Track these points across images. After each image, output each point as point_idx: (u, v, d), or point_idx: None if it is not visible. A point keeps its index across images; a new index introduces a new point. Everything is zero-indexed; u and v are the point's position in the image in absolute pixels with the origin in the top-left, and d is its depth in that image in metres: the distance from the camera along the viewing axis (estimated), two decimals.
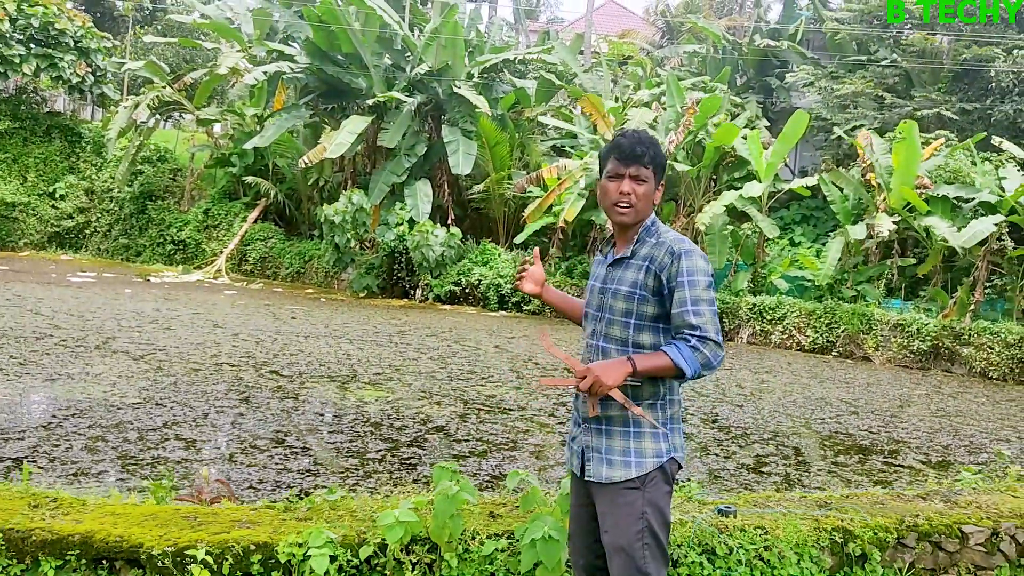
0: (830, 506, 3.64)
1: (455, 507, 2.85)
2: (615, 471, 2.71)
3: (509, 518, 3.20)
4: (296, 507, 3.12)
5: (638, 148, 2.73)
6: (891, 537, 3.44)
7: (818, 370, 13.72)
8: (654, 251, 2.72)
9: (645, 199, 2.75)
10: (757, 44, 24.04)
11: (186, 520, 2.89)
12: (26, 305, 13.91)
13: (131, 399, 8.18)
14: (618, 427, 2.73)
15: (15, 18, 23.58)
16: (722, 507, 3.52)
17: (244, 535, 2.78)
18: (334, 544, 2.75)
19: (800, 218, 23.14)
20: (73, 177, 25.25)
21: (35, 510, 2.85)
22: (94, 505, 2.95)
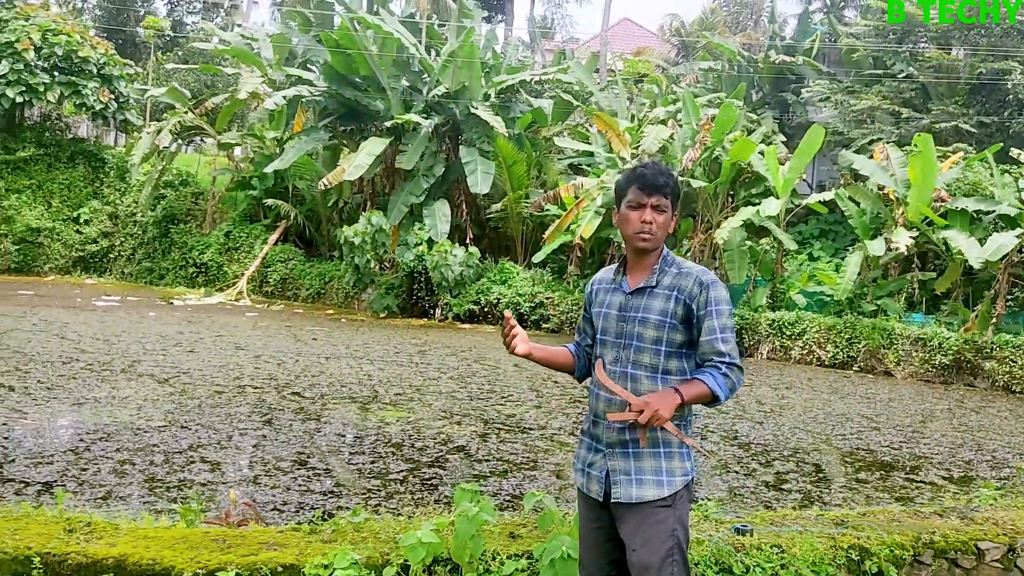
0: (847, 524, 3.67)
1: (475, 528, 2.92)
2: (646, 491, 2.79)
3: (529, 538, 3.27)
4: (321, 529, 3.20)
5: (660, 179, 2.84)
6: (907, 554, 3.47)
7: (839, 385, 13.68)
8: (680, 281, 2.83)
9: (664, 228, 2.86)
10: (772, 60, 24.10)
11: (215, 543, 2.97)
12: (52, 330, 14.12)
13: (157, 422, 8.31)
14: (647, 448, 2.82)
15: (39, 47, 24.03)
16: (739, 526, 3.57)
17: (272, 557, 2.87)
18: (359, 565, 2.82)
19: (818, 233, 23.09)
20: (97, 202, 25.62)
21: (70, 534, 2.95)
22: (127, 529, 3.05)
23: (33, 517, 3.13)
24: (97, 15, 39.55)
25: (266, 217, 23.58)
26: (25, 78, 23.75)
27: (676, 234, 19.18)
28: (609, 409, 2.84)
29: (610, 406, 2.84)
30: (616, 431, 2.82)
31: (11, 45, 23.60)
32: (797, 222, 22.71)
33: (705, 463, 8.11)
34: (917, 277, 16.61)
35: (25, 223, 24.46)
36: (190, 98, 25.48)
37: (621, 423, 2.81)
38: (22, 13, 24.74)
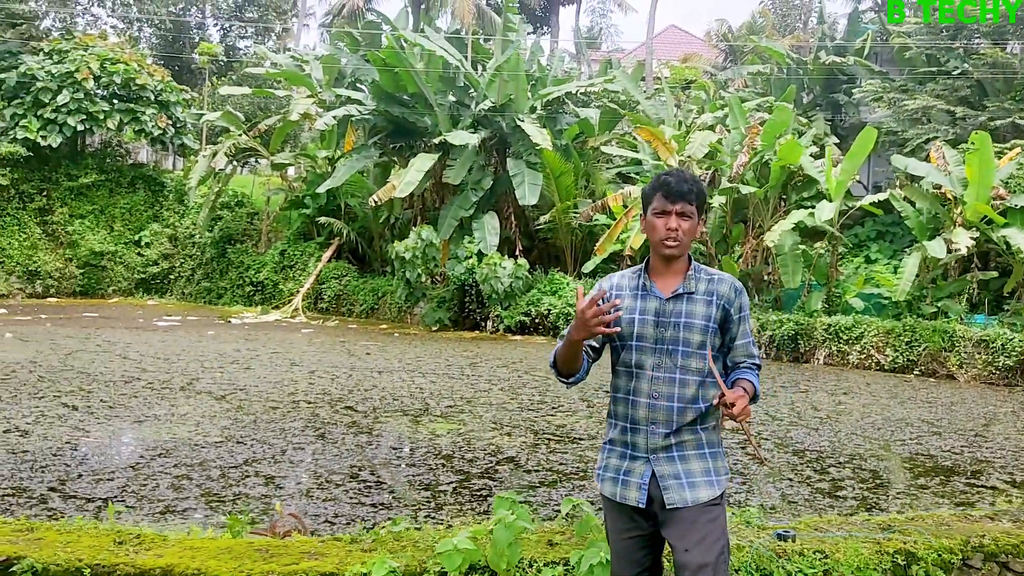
0: (893, 529, 3.61)
1: (513, 535, 2.94)
2: (700, 492, 2.81)
3: (567, 546, 3.28)
4: (362, 539, 3.26)
5: (684, 186, 2.87)
6: (956, 558, 3.40)
7: (898, 390, 13.40)
8: (716, 287, 2.90)
9: (691, 234, 2.89)
10: (823, 61, 23.77)
11: (259, 553, 3.05)
12: (115, 350, 14.52)
13: (214, 438, 8.49)
14: (692, 451, 2.85)
15: (99, 76, 24.80)
16: (781, 532, 3.53)
17: (312, 566, 2.93)
18: (396, 573, 2.87)
19: (875, 235, 22.66)
20: (157, 225, 26.29)
21: (120, 546, 3.04)
22: (174, 540, 3.14)
23: (85, 530, 3.24)
24: (154, 43, 40.68)
25: (320, 235, 23.94)
26: (85, 106, 24.53)
27: (728, 240, 19.02)
28: (653, 414, 2.83)
29: (654, 411, 2.83)
30: (661, 436, 2.82)
31: (71, 75, 24.41)
32: (853, 224, 22.31)
33: (759, 470, 8.02)
34: (977, 277, 16.19)
35: (89, 247, 25.21)
36: (244, 121, 26.05)
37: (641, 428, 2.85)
38: (81, 43, 25.59)
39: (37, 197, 25.41)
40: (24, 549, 2.93)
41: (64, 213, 25.51)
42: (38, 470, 7.08)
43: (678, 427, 2.82)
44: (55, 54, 25.08)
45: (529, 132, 18.33)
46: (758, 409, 11.14)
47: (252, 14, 41.68)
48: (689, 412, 2.82)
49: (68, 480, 6.88)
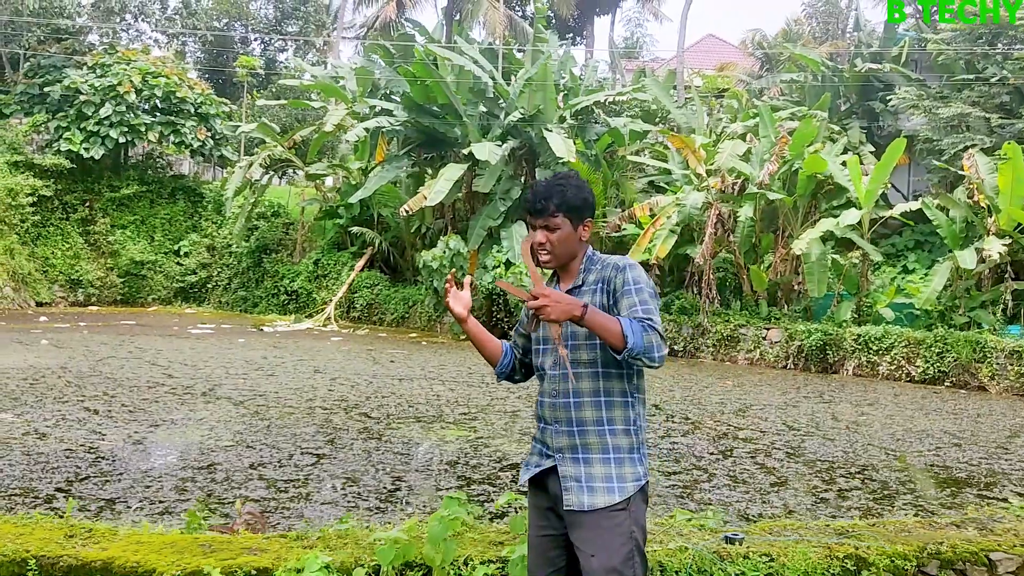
0: (849, 533, 3.56)
1: (448, 530, 2.97)
2: (597, 498, 2.77)
3: (512, 545, 3.29)
4: (307, 536, 3.31)
5: (540, 202, 2.88)
6: (910, 565, 3.33)
7: (926, 402, 13.15)
8: (601, 273, 2.86)
9: (562, 243, 2.89)
10: (858, 68, 23.45)
11: (201, 548, 3.11)
12: (145, 356, 14.81)
13: (225, 442, 8.62)
14: (596, 454, 2.81)
15: (140, 89, 25.38)
16: (730, 535, 3.50)
17: (249, 561, 2.98)
18: (330, 569, 2.91)
19: (912, 244, 22.29)
20: (196, 235, 26.79)
21: (70, 539, 3.13)
22: (124, 535, 3.22)
23: (40, 524, 3.34)
24: (198, 57, 41.52)
25: (353, 244, 24.21)
26: (128, 119, 25.12)
27: (757, 249, 18.84)
28: (554, 412, 2.85)
29: (555, 410, 2.85)
30: (565, 435, 2.83)
31: (114, 88, 25.02)
32: (890, 234, 21.98)
33: (765, 479, 7.93)
34: (1012, 287, 15.83)
35: (129, 256, 25.78)
36: (279, 132, 26.46)
37: (548, 426, 2.87)
38: (123, 58, 26.23)
39: (80, 208, 26.07)
40: None
41: (106, 223, 26.13)
42: (49, 471, 7.26)
43: (580, 426, 2.80)
44: (98, 68, 25.73)
45: (553, 144, 18.35)
46: (775, 419, 11.03)
47: (292, 28, 42.34)
48: (587, 408, 2.80)
49: (76, 481, 7.04)
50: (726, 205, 17.69)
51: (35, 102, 25.97)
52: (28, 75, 26.73)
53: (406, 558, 2.99)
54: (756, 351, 17.03)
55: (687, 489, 7.53)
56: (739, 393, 13.29)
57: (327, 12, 43.05)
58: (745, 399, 12.68)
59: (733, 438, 9.76)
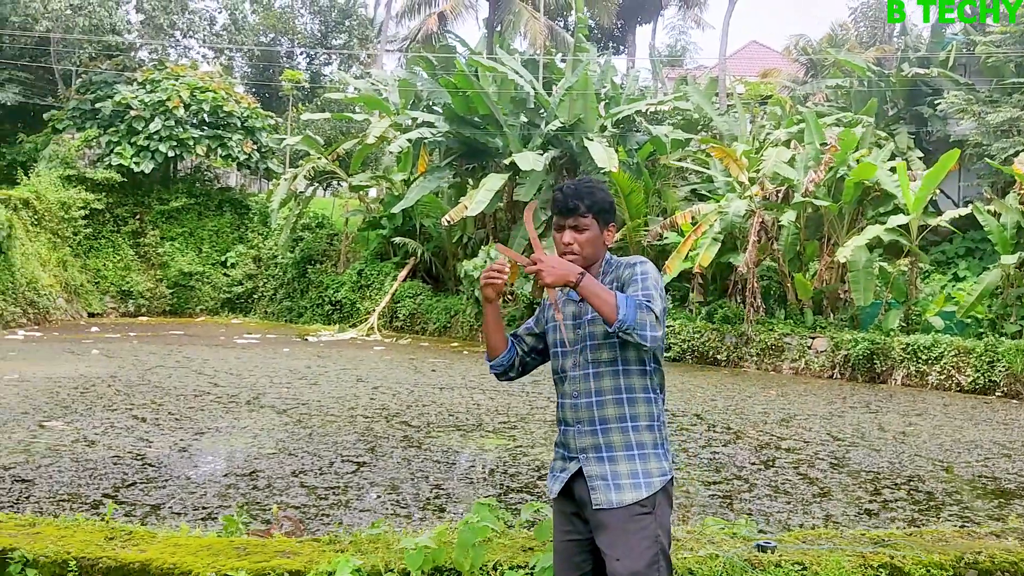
0: (885, 543, 3.50)
1: (476, 536, 2.99)
2: (625, 495, 2.78)
3: (541, 551, 3.30)
4: (339, 540, 3.35)
5: (571, 201, 2.90)
6: (946, 574, 3.27)
7: (976, 412, 12.86)
8: (617, 273, 2.91)
9: (589, 244, 2.91)
10: (905, 73, 23.12)
11: (236, 550, 3.17)
12: (192, 366, 15.07)
13: (268, 450, 8.74)
14: (620, 451, 2.83)
15: (188, 104, 25.90)
16: (762, 543, 3.47)
17: (282, 563, 3.04)
18: (360, 572, 2.94)
19: (964, 252, 21.89)
20: (242, 246, 27.22)
21: (110, 541, 3.21)
22: (162, 537, 3.29)
23: (81, 526, 3.43)
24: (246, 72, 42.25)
25: (396, 255, 24.39)
26: (176, 134, 25.63)
27: (802, 257, 18.61)
28: (576, 413, 2.86)
29: (577, 411, 2.86)
30: (588, 435, 2.84)
31: (163, 104, 25.56)
32: (941, 241, 21.60)
33: (807, 490, 7.83)
34: None
35: (178, 268, 26.29)
36: (323, 144, 26.79)
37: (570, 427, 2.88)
38: (172, 73, 26.78)
39: (131, 220, 26.64)
40: (20, 542, 3.13)
41: (156, 235, 26.67)
42: (97, 477, 7.42)
43: (603, 424, 2.81)
44: (148, 84, 26.31)
45: (594, 153, 18.35)
46: (820, 429, 10.88)
47: (337, 41, 42.88)
48: (610, 406, 2.82)
49: (123, 487, 7.19)
50: (770, 213, 17.52)
51: (87, 118, 26.63)
52: (80, 91, 27.43)
53: (436, 563, 3.01)
54: (801, 360, 16.81)
55: (727, 499, 7.47)
56: (783, 403, 13.13)
57: (371, 25, 43.56)
58: (789, 409, 12.53)
59: (776, 448, 9.65)
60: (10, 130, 29.24)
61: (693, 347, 17.99)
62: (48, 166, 25.40)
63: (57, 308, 22.80)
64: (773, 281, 19.09)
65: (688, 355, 18.01)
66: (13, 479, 7.28)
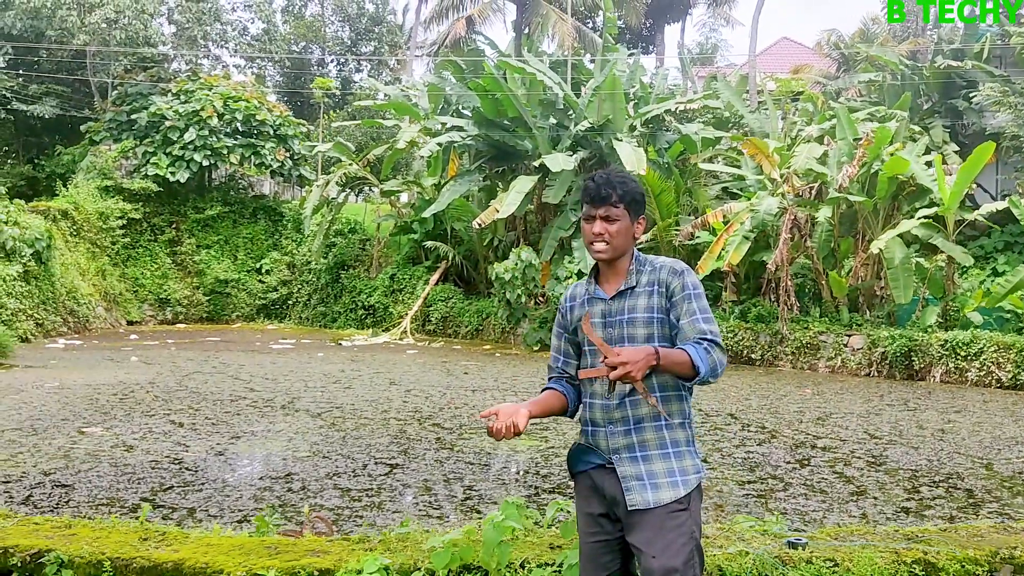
0: (918, 539, 3.46)
1: (502, 535, 3.00)
2: (663, 494, 2.79)
3: (569, 548, 3.30)
4: (369, 539, 3.38)
5: (604, 190, 2.89)
6: (981, 570, 3.22)
7: (1016, 408, 12.64)
8: (656, 275, 2.88)
9: (620, 235, 2.89)
10: (938, 65, 22.80)
11: (267, 550, 3.21)
12: (228, 371, 15.24)
13: (302, 453, 8.82)
14: (655, 451, 2.83)
15: (222, 113, 26.23)
16: (793, 539, 3.44)
17: (312, 562, 3.07)
18: (388, 571, 2.97)
19: (1003, 246, 21.51)
20: (277, 253, 27.50)
21: (144, 542, 3.27)
22: (194, 538, 3.35)
23: (116, 527, 3.49)
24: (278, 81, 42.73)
25: (427, 259, 24.51)
26: (211, 143, 25.97)
27: (836, 254, 18.41)
28: (608, 413, 2.86)
29: (608, 411, 2.85)
30: (621, 435, 2.83)
31: (197, 114, 25.91)
32: (979, 235, 21.25)
33: (843, 489, 7.75)
34: None
35: (214, 275, 26.61)
36: (355, 151, 26.99)
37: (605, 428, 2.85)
38: (206, 84, 27.14)
39: (167, 229, 27.02)
40: (55, 543, 3.20)
41: (192, 244, 27.02)
42: (135, 482, 7.53)
43: (638, 425, 2.81)
44: (182, 94, 26.69)
45: (622, 154, 18.29)
46: (856, 427, 10.75)
47: (367, 48, 43.22)
48: (644, 404, 2.81)
49: (160, 491, 7.29)
50: (802, 210, 17.35)
51: (123, 129, 27.06)
52: (116, 103, 27.90)
53: (463, 561, 3.03)
54: (837, 358, 16.62)
55: (761, 498, 7.41)
56: (819, 401, 13.00)
57: (400, 32, 43.87)
58: (825, 407, 12.40)
59: (811, 447, 9.56)
60: (48, 143, 29.85)
61: (727, 346, 17.78)
62: (86, 177, 25.85)
63: (97, 317, 23.18)
64: (807, 279, 18.90)
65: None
66: (53, 484, 7.42)
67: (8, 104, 27.61)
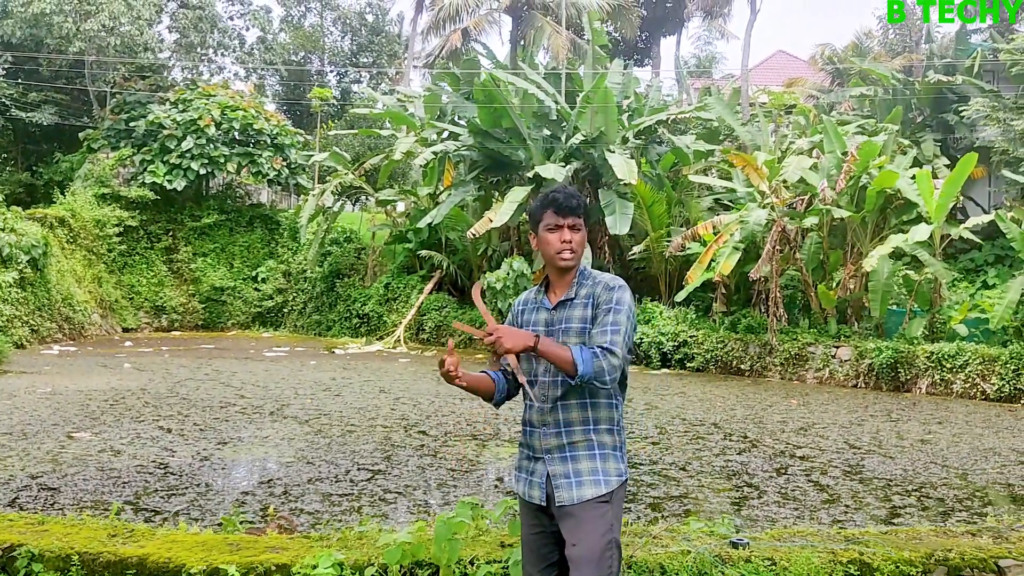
0: (858, 540, 3.59)
1: (451, 532, 3.13)
2: (585, 491, 2.97)
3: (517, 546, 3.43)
4: (328, 537, 3.52)
5: (572, 201, 3.08)
6: (915, 571, 3.35)
7: (999, 420, 12.76)
8: (593, 289, 3.06)
9: (582, 245, 3.10)
10: (929, 80, 23.01)
11: (229, 546, 3.35)
12: (220, 378, 15.37)
13: (287, 459, 8.96)
14: (583, 451, 3.01)
15: (219, 122, 26.41)
16: (735, 540, 3.57)
17: (270, 558, 3.21)
18: (343, 565, 3.10)
19: (993, 259, 21.68)
20: (272, 261, 27.65)
21: (112, 538, 3.41)
22: (160, 535, 3.48)
23: (87, 524, 3.63)
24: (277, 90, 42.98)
25: (422, 268, 24.64)
26: (208, 152, 26.15)
27: (825, 267, 18.55)
28: (543, 416, 3.01)
29: (543, 414, 3.01)
30: (552, 436, 2.99)
31: (194, 123, 26.10)
32: (969, 248, 21.39)
33: (817, 497, 7.87)
34: None
35: (210, 283, 26.76)
36: (352, 160, 27.16)
37: (536, 430, 3.05)
38: (204, 93, 27.34)
39: (164, 237, 27.18)
40: (27, 538, 3.33)
41: (188, 252, 27.18)
42: (120, 486, 7.67)
43: (568, 427, 2.97)
44: (180, 103, 26.89)
45: (615, 165, 18.46)
46: (837, 437, 10.87)
47: (367, 59, 43.47)
48: (575, 410, 2.98)
49: (144, 495, 7.43)
50: (791, 222, 17.51)
51: (121, 137, 27.25)
52: (114, 111, 28.08)
53: (415, 558, 3.16)
54: (825, 370, 16.76)
55: (735, 505, 7.54)
56: (803, 412, 13.13)
57: (399, 42, 44.12)
58: (809, 418, 12.53)
59: (790, 456, 9.68)
60: (47, 150, 30.02)
61: (716, 357, 18.00)
62: (83, 185, 26.01)
63: (92, 323, 23.30)
64: (797, 290, 19.05)
65: (712, 365, 18.03)
66: (40, 487, 7.55)
67: (7, 112, 27.80)
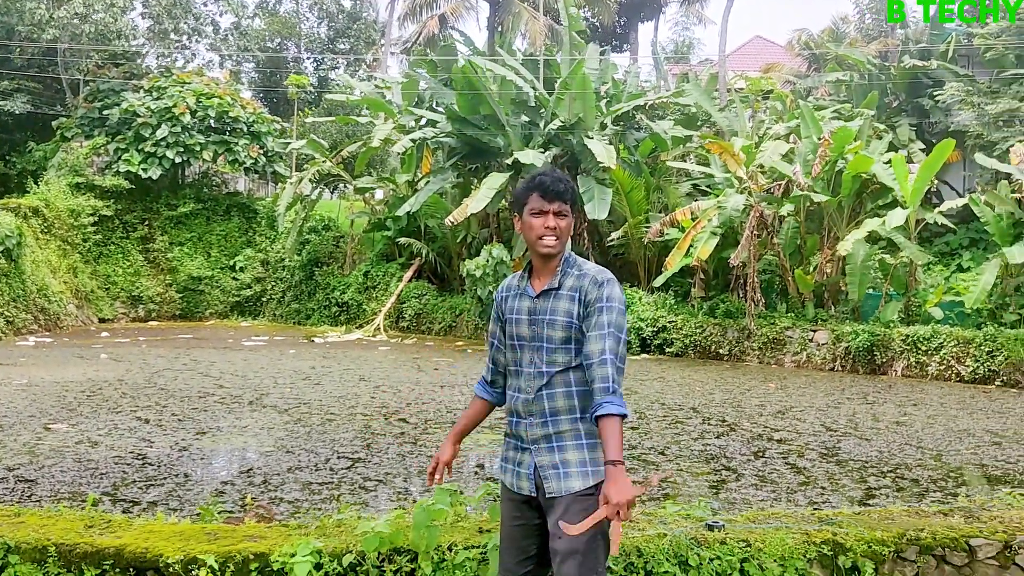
0: (831, 521, 3.64)
1: (430, 518, 3.15)
2: (574, 482, 2.93)
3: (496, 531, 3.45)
4: (306, 525, 3.52)
5: (560, 185, 3.00)
6: (887, 550, 3.40)
7: (973, 401, 12.94)
8: (580, 282, 2.98)
9: (567, 231, 3.02)
10: (904, 65, 23.17)
11: (207, 536, 3.35)
12: (199, 368, 15.29)
13: (266, 448, 8.94)
14: (570, 441, 2.96)
15: (195, 110, 26.17)
16: (711, 522, 3.61)
17: (248, 546, 3.21)
18: (321, 553, 3.11)
19: (968, 243, 21.89)
20: (250, 250, 27.48)
21: (89, 529, 3.40)
22: (138, 526, 3.48)
23: (63, 516, 3.62)
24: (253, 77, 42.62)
25: (401, 256, 24.60)
26: (183, 140, 25.91)
27: (802, 251, 18.69)
28: (528, 407, 2.99)
29: (529, 404, 2.99)
30: (539, 426, 2.97)
31: (170, 110, 25.85)
32: (945, 232, 21.60)
33: (793, 479, 7.95)
34: None
35: (187, 272, 26.58)
36: (330, 148, 27.01)
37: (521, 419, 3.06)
38: (178, 80, 27.06)
39: (139, 226, 26.94)
40: (3, 531, 3.32)
41: (164, 241, 26.96)
42: (97, 477, 7.62)
43: (554, 416, 2.94)
44: (155, 91, 26.60)
45: (595, 151, 18.48)
46: (814, 420, 10.98)
47: (344, 46, 43.16)
48: (560, 398, 2.95)
49: (122, 486, 7.39)
50: (769, 207, 17.61)
51: (95, 125, 26.94)
52: (88, 99, 27.76)
53: (393, 545, 3.18)
54: (803, 353, 16.90)
55: (713, 488, 7.61)
56: (781, 396, 13.24)
57: (376, 28, 43.84)
58: (787, 401, 12.64)
59: (768, 439, 9.77)
60: (20, 139, 29.64)
61: (695, 342, 18.11)
62: (57, 174, 25.72)
63: (68, 314, 23.10)
64: (774, 275, 19.18)
65: (691, 350, 18.14)
66: (17, 479, 7.49)
67: None
